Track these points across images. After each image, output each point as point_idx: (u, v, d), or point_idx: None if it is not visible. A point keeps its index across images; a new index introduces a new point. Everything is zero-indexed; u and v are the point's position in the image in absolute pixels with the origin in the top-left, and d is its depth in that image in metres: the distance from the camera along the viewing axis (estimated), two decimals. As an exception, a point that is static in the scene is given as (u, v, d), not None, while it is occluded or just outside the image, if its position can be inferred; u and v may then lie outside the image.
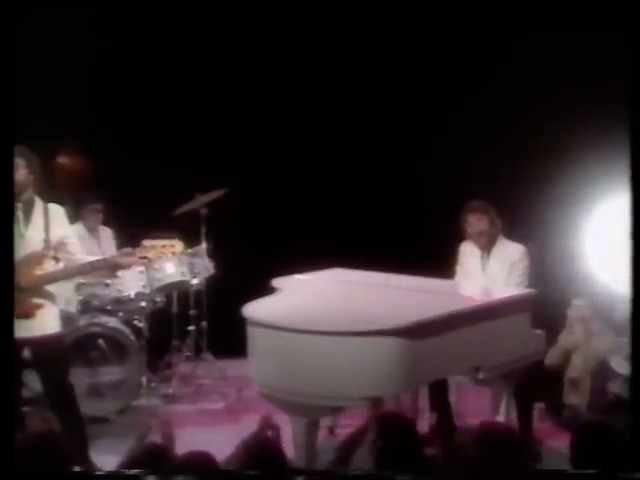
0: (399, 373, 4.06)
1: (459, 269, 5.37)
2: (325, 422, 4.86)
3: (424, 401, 5.10)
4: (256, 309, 4.43)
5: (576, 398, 5.21)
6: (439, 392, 4.99)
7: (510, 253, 5.14)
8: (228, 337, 5.54)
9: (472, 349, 4.39)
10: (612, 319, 5.19)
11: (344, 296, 4.82)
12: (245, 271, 6.06)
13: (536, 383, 4.89)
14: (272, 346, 4.19)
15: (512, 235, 5.18)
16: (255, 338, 4.33)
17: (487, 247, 5.19)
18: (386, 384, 4.04)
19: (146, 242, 4.52)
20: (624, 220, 3.50)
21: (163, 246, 4.52)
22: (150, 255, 4.53)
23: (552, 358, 5.24)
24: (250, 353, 4.37)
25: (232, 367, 6.37)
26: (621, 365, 4.97)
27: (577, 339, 5.29)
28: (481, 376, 4.45)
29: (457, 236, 5.27)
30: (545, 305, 4.77)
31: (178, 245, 4.55)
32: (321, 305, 4.61)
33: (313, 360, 4.05)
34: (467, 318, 4.39)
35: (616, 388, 4.94)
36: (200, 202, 6.25)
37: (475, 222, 5.12)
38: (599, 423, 3.26)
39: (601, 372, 5.05)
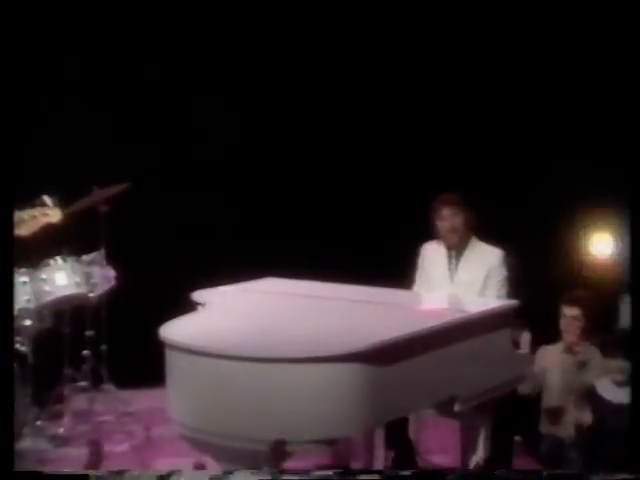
0: (359, 409, 3.85)
1: (419, 277, 5.19)
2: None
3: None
4: (177, 330, 4.19)
5: (558, 430, 5.06)
6: (397, 425, 4.75)
7: (486, 258, 5.01)
8: (133, 363, 5.65)
9: (446, 376, 4.21)
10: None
11: (283, 312, 4.64)
12: (155, 282, 5.97)
13: (514, 413, 4.80)
14: (199, 377, 3.96)
15: (487, 238, 5.10)
16: (176, 366, 4.08)
17: (457, 249, 5.05)
18: (343, 423, 3.83)
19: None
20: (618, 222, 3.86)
21: (34, 217, 4.17)
22: (22, 232, 4.17)
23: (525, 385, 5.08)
24: (169, 385, 4.12)
25: (139, 400, 6.22)
26: (609, 390, 4.88)
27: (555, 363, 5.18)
28: (457, 408, 4.27)
29: (419, 236, 5.17)
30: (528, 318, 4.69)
31: (54, 212, 4.19)
32: (257, 324, 4.40)
33: (252, 394, 3.83)
34: (440, 337, 4.19)
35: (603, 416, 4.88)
36: (98, 197, 6.03)
37: (449, 216, 5.00)
38: None
39: (588, 399, 4.98)
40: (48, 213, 4.17)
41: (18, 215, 4.13)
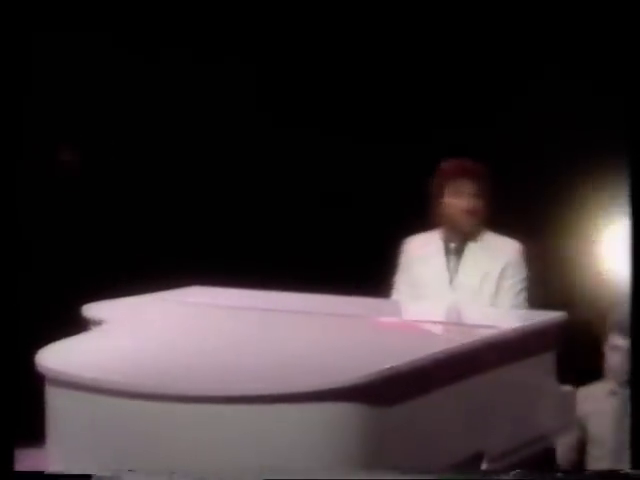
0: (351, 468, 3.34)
1: (401, 283, 4.82)
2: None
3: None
4: (64, 357, 3.82)
5: None
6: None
7: (500, 253, 4.67)
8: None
9: (469, 423, 3.77)
10: None
11: (218, 332, 4.27)
12: (27, 293, 5.19)
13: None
14: (97, 423, 3.58)
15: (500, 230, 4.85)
16: (63, 410, 3.71)
17: (460, 242, 4.74)
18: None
19: None
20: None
21: None
22: None
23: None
24: (51, 436, 3.77)
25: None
26: None
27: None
28: (484, 468, 3.85)
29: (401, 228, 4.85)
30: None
31: None
32: (182, 349, 4.01)
33: (185, 451, 3.40)
34: (461, 366, 3.72)
35: None
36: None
37: (472, 193, 4.65)
38: None
39: None
40: None
41: None
